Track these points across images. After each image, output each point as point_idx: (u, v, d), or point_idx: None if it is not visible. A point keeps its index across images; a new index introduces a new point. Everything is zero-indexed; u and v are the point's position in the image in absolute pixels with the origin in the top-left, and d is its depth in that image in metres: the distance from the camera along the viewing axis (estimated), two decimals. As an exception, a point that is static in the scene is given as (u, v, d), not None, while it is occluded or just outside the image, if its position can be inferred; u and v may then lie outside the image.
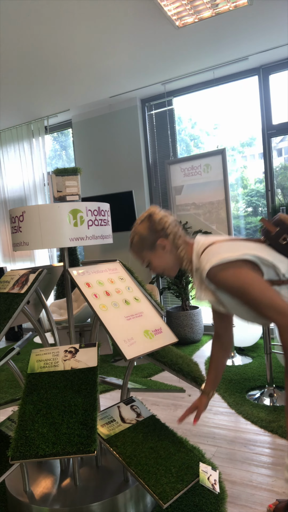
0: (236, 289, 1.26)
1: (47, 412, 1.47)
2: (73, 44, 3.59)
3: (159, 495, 1.42)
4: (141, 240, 1.46)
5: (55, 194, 1.91)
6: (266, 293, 1.23)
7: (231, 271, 1.26)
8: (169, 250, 1.45)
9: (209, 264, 1.27)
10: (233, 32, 3.61)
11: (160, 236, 1.44)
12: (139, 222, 1.49)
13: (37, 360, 1.70)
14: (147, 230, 1.46)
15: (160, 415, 2.81)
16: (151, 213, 1.48)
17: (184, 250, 1.42)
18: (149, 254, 1.47)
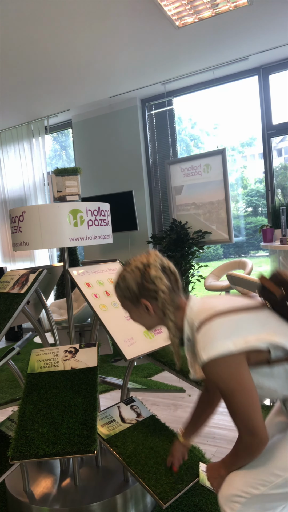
0: (223, 391, 1.11)
1: (47, 412, 1.47)
2: (73, 44, 3.59)
3: (159, 495, 1.42)
4: (125, 289, 1.25)
5: (55, 194, 1.91)
6: (249, 408, 1.09)
7: (226, 372, 1.09)
8: (154, 314, 1.25)
9: (206, 354, 1.09)
10: (233, 32, 3.61)
11: (148, 297, 1.23)
12: (129, 269, 1.25)
13: (37, 360, 1.70)
14: (135, 284, 1.23)
15: (160, 415, 2.81)
16: (148, 264, 1.23)
17: (173, 319, 1.23)
18: (130, 307, 1.28)
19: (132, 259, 1.30)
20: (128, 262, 1.29)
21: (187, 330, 1.21)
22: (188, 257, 4.56)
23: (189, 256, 4.55)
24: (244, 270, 4.04)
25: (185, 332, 1.22)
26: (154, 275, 1.21)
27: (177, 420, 2.72)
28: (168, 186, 4.76)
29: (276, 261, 3.56)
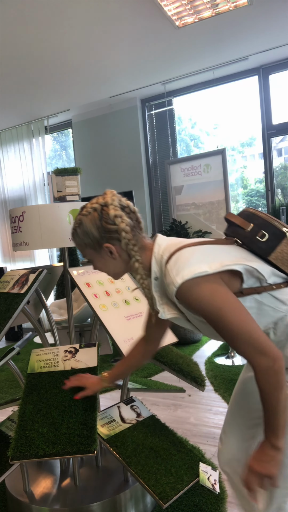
0: (209, 313, 1.00)
1: (47, 412, 1.47)
2: (73, 44, 3.59)
3: (159, 495, 1.42)
4: (85, 236, 1.14)
5: (55, 194, 1.91)
6: (246, 324, 0.98)
7: (206, 288, 0.99)
8: (118, 257, 1.14)
9: (180, 278, 0.99)
10: (233, 32, 3.61)
11: (110, 239, 1.12)
12: (87, 212, 1.13)
13: (37, 360, 1.70)
14: (94, 227, 1.11)
15: (160, 415, 2.81)
16: (105, 203, 1.12)
17: (140, 260, 1.12)
18: (92, 254, 1.17)
19: (88, 203, 1.18)
20: (84, 206, 1.17)
21: (154, 267, 1.11)
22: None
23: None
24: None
25: (152, 271, 1.12)
26: (114, 214, 1.10)
27: (177, 420, 2.72)
28: (168, 186, 4.76)
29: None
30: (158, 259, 1.11)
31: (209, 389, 3.20)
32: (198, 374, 1.89)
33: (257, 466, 0.99)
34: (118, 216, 1.10)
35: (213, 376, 3.43)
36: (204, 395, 3.09)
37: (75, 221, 1.17)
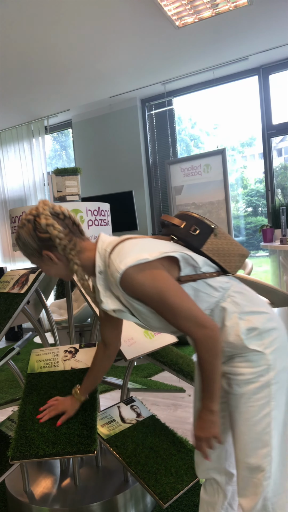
0: (152, 296, 1.09)
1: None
2: (73, 44, 3.59)
3: (159, 495, 1.42)
4: (25, 246, 1.22)
5: (55, 194, 1.91)
6: (185, 303, 1.10)
7: (148, 273, 1.09)
8: (59, 262, 1.21)
9: (124, 265, 1.08)
10: (233, 32, 3.61)
11: (47, 247, 1.19)
12: (22, 224, 1.22)
13: (37, 360, 1.69)
14: (30, 238, 1.19)
15: (160, 415, 2.81)
16: (38, 213, 1.19)
17: (78, 263, 1.19)
18: (37, 261, 1.24)
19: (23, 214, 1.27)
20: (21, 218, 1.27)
21: (99, 262, 1.18)
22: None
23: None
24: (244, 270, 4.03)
25: (97, 265, 1.18)
26: (45, 223, 1.17)
27: (177, 420, 2.72)
28: (168, 186, 4.76)
29: (276, 261, 3.56)
30: (102, 253, 1.18)
31: (209, 389, 3.19)
32: (198, 374, 1.89)
33: (201, 433, 1.16)
34: (50, 224, 1.17)
35: (213, 376, 3.42)
36: (204, 395, 3.09)
37: (16, 234, 1.25)
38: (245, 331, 1.18)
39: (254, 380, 1.17)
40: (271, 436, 1.17)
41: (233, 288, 1.23)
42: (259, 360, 1.17)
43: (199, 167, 4.54)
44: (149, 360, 1.84)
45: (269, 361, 1.17)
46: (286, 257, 3.26)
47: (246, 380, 1.18)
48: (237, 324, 1.18)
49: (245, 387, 1.18)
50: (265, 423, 1.17)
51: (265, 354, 1.17)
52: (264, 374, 1.17)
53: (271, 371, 1.17)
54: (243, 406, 1.18)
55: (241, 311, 1.19)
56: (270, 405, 1.17)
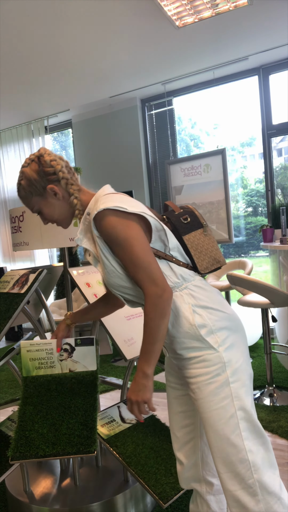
0: (118, 241, 1.15)
1: (47, 413, 1.47)
2: (73, 44, 3.59)
3: (159, 495, 1.42)
4: (29, 184, 1.29)
5: (55, 194, 1.90)
6: (147, 256, 1.14)
7: (121, 220, 1.15)
8: (62, 197, 1.30)
9: (103, 205, 1.15)
10: (233, 32, 3.61)
11: (51, 182, 1.29)
12: (26, 164, 1.31)
13: (30, 358, 1.59)
14: (36, 174, 1.28)
15: (160, 415, 2.81)
16: (41, 154, 1.31)
17: (78, 197, 1.30)
18: (39, 201, 1.31)
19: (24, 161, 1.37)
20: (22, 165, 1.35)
21: (91, 204, 1.25)
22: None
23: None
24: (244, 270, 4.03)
25: (88, 207, 1.26)
26: (49, 159, 1.28)
27: (177, 420, 2.72)
28: (168, 186, 4.76)
29: (276, 261, 3.56)
30: (96, 198, 1.24)
31: (209, 389, 3.19)
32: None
33: (134, 396, 1.15)
34: (54, 159, 1.29)
35: (213, 376, 3.42)
36: (204, 395, 3.09)
37: (19, 177, 1.32)
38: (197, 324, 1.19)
39: (212, 380, 1.17)
40: (242, 438, 1.15)
41: (194, 282, 1.25)
42: (213, 358, 1.17)
43: (199, 167, 4.54)
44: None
45: (223, 358, 1.17)
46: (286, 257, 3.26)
47: (204, 381, 1.17)
48: (191, 314, 1.19)
49: (205, 389, 1.17)
50: (232, 424, 1.15)
51: (219, 352, 1.17)
52: (220, 372, 1.16)
53: (227, 369, 1.17)
54: (208, 411, 1.17)
55: (196, 304, 1.21)
56: (234, 405, 1.15)
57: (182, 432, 1.37)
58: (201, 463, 1.36)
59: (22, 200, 1.35)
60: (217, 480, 1.38)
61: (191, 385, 1.21)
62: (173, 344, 1.23)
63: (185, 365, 1.22)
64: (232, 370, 1.17)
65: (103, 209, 1.15)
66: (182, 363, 1.23)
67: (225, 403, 1.15)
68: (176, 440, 1.38)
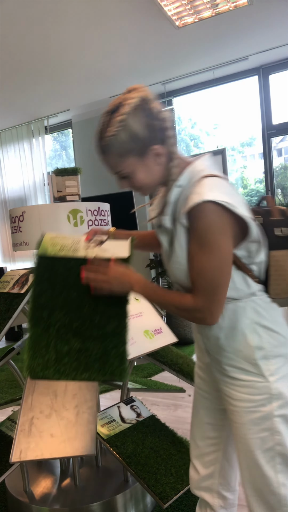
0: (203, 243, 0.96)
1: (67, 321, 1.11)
2: (73, 44, 3.59)
3: (159, 495, 1.42)
4: (132, 140, 0.98)
5: (55, 194, 1.91)
6: (221, 277, 0.97)
7: (220, 222, 0.94)
8: (162, 161, 1.03)
9: (207, 195, 0.93)
10: (233, 32, 3.61)
11: (157, 141, 0.99)
12: (128, 109, 0.97)
13: (52, 243, 1.22)
14: (143, 125, 0.97)
15: (160, 415, 2.80)
16: (145, 96, 0.99)
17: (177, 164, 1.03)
18: (135, 163, 1.01)
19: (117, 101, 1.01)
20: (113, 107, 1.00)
21: (185, 177, 1.03)
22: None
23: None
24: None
25: (180, 180, 1.03)
26: (158, 108, 0.99)
27: (177, 420, 2.72)
28: (168, 186, 4.76)
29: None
30: (194, 170, 1.02)
31: (209, 389, 3.20)
32: (198, 374, 1.89)
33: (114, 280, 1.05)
34: (163, 110, 0.99)
35: (213, 376, 3.43)
36: (204, 395, 3.09)
37: (113, 125, 0.98)
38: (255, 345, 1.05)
39: (255, 409, 1.05)
40: (276, 471, 1.05)
41: (263, 298, 1.07)
42: (261, 388, 1.04)
43: (199, 167, 4.53)
44: (149, 360, 1.84)
45: (272, 390, 1.04)
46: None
47: (246, 408, 1.06)
48: (250, 333, 1.05)
49: (245, 416, 1.06)
50: (268, 456, 1.05)
51: (269, 382, 1.04)
52: (265, 403, 1.04)
53: (274, 402, 1.04)
54: (244, 438, 1.06)
55: (258, 322, 1.06)
56: (274, 439, 1.04)
57: (205, 442, 1.26)
58: (218, 477, 1.26)
59: (108, 158, 1.02)
60: (231, 494, 1.29)
61: (230, 405, 1.10)
62: (220, 355, 1.09)
63: (228, 383, 1.10)
64: (279, 404, 1.04)
65: (206, 200, 0.93)
66: (224, 379, 1.11)
67: (264, 435, 1.04)
68: (195, 448, 1.28)
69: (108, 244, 1.23)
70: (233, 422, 1.10)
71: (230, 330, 1.07)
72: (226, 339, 1.07)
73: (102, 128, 1.01)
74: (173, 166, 1.02)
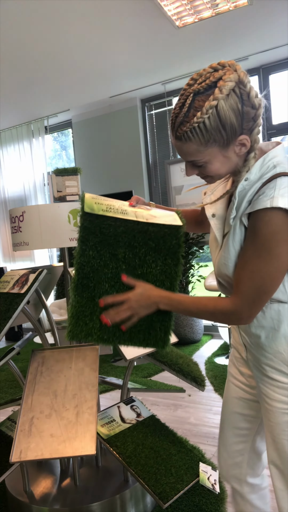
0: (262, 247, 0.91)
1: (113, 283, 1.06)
2: (73, 44, 3.59)
3: (159, 495, 1.42)
4: (218, 129, 0.87)
5: (55, 194, 1.91)
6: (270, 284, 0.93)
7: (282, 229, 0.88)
8: (243, 151, 0.94)
9: (278, 201, 0.87)
10: (233, 32, 3.61)
11: (247, 130, 0.90)
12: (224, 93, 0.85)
13: (96, 202, 1.11)
14: (236, 113, 0.87)
15: (160, 415, 2.81)
16: (242, 78, 0.88)
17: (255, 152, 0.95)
18: (216, 154, 0.92)
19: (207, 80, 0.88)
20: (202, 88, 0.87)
21: (256, 169, 0.95)
22: (188, 257, 4.56)
23: (189, 256, 4.55)
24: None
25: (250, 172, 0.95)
26: (254, 93, 0.89)
27: (177, 420, 2.72)
28: (168, 186, 4.76)
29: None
30: (267, 165, 0.95)
31: (209, 389, 3.20)
32: (198, 374, 1.89)
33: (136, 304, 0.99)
34: (257, 95, 0.90)
35: (213, 376, 3.43)
36: (204, 395, 3.09)
37: (203, 110, 0.86)
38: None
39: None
40: None
41: None
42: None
43: (199, 167, 4.54)
44: (149, 360, 1.84)
45: None
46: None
47: (282, 409, 1.05)
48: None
49: (281, 416, 1.05)
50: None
51: None
52: None
53: None
54: (278, 438, 1.07)
55: None
56: None
57: (234, 432, 1.27)
58: (246, 467, 1.29)
59: (185, 146, 0.92)
60: (259, 479, 1.32)
61: (266, 404, 1.09)
62: (260, 353, 1.08)
63: (266, 382, 1.09)
64: None
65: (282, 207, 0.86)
66: (262, 378, 1.10)
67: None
68: (223, 437, 1.30)
69: (156, 212, 1.15)
70: (267, 420, 1.10)
71: (272, 331, 1.04)
72: (266, 338, 1.05)
73: (185, 110, 0.88)
74: (252, 157, 0.94)
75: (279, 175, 0.91)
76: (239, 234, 0.98)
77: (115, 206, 1.12)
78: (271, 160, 0.95)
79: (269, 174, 0.94)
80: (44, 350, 1.76)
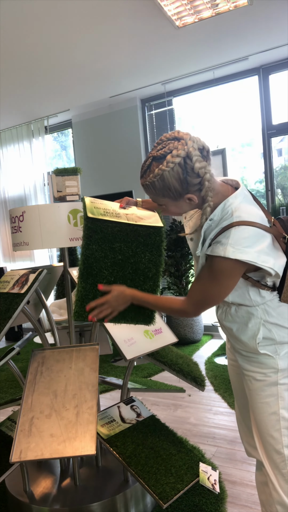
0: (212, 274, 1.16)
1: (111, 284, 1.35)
2: (73, 44, 3.59)
3: (159, 495, 1.42)
4: (164, 189, 1.12)
5: (55, 194, 1.91)
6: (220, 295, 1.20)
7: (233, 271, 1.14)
8: (195, 203, 1.18)
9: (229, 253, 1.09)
10: (233, 32, 3.61)
11: (192, 191, 1.13)
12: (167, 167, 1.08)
13: (94, 206, 1.42)
14: (178, 181, 1.10)
15: (160, 415, 2.81)
16: (189, 153, 1.07)
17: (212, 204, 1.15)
18: (169, 202, 1.18)
19: (163, 149, 1.11)
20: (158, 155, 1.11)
21: (218, 211, 1.16)
22: (188, 257, 4.56)
23: (189, 256, 4.56)
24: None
25: (214, 213, 1.16)
26: (199, 166, 1.08)
27: (177, 420, 2.72)
28: (168, 186, 4.76)
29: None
30: (226, 208, 1.16)
31: (209, 389, 3.20)
32: (198, 374, 1.89)
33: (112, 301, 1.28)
34: (203, 167, 1.09)
35: (213, 376, 3.43)
36: (204, 395, 3.09)
37: (153, 174, 1.11)
38: (262, 338, 1.26)
39: (262, 378, 1.29)
40: (281, 434, 1.27)
41: (274, 302, 1.27)
42: (268, 363, 1.27)
43: (199, 167, 4.53)
44: (149, 360, 1.84)
45: (278, 365, 1.27)
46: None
47: (255, 376, 1.30)
48: (258, 329, 1.26)
49: (255, 382, 1.30)
50: (274, 420, 1.27)
51: (275, 359, 1.26)
52: (271, 374, 1.27)
53: (279, 373, 1.27)
54: (255, 402, 1.31)
55: (267, 320, 1.26)
56: (278, 404, 1.27)
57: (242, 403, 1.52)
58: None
59: (146, 191, 1.20)
60: None
61: (245, 376, 1.34)
62: (235, 342, 1.35)
63: (241, 359, 1.35)
64: (284, 376, 1.27)
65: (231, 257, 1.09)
66: (239, 356, 1.36)
67: (270, 400, 1.28)
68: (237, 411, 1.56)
69: (142, 213, 1.46)
70: (248, 389, 1.34)
71: (241, 326, 1.30)
72: (237, 330, 1.31)
73: (145, 168, 1.16)
74: (206, 207, 1.15)
75: (233, 225, 1.12)
76: (204, 259, 1.24)
77: (110, 209, 1.42)
78: (230, 206, 1.16)
79: (227, 222, 1.14)
80: (44, 350, 1.76)
